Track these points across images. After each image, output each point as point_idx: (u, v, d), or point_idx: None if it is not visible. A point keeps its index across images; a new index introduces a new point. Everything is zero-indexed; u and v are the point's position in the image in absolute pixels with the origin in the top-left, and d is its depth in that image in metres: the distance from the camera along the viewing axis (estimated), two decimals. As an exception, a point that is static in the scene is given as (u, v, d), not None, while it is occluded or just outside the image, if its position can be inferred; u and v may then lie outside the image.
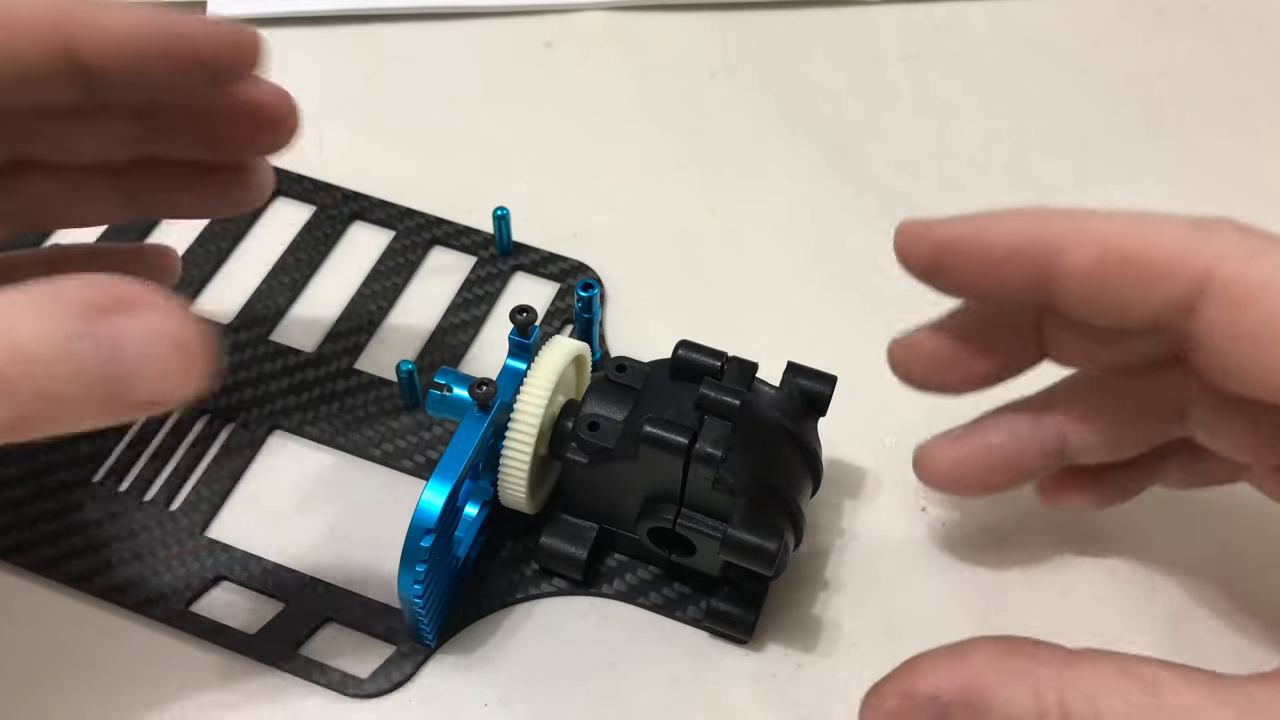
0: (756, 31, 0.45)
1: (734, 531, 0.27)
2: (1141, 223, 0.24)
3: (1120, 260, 0.23)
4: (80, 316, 0.20)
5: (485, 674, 0.29)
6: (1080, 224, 0.24)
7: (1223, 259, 0.23)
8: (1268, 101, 0.43)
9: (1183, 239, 0.23)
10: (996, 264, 0.25)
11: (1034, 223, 0.25)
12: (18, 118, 0.26)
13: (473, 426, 0.27)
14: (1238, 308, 0.22)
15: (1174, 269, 0.23)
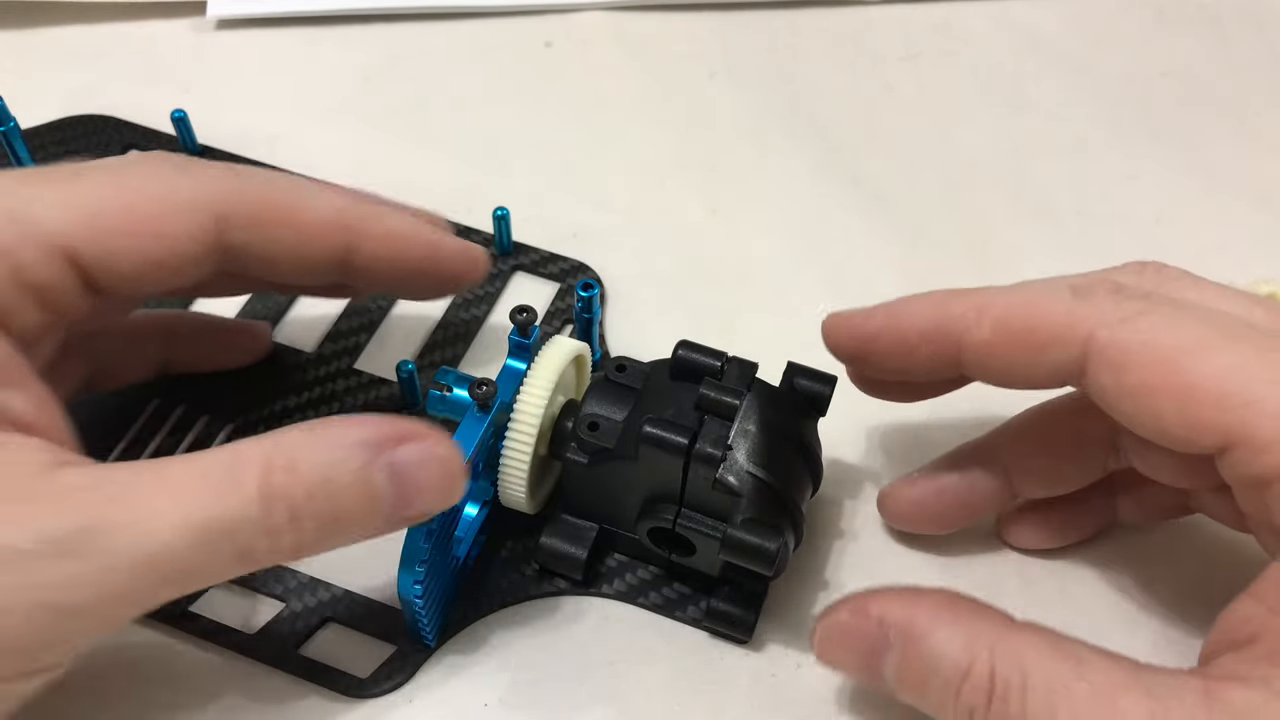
0: (756, 31, 0.45)
1: (734, 531, 0.27)
2: (1031, 295, 0.26)
3: (1011, 334, 0.26)
4: (371, 450, 0.23)
5: (485, 674, 0.29)
6: (978, 302, 0.26)
7: (1101, 324, 0.24)
8: (1268, 101, 0.43)
9: (1065, 309, 0.25)
10: (911, 348, 0.27)
11: (938, 307, 0.27)
12: None
13: (473, 426, 0.27)
14: (1118, 371, 0.24)
15: (1060, 337, 0.25)
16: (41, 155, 0.39)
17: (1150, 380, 0.24)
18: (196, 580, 0.23)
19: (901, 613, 0.25)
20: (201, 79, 0.42)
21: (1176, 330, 0.24)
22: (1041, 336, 0.25)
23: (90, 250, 0.24)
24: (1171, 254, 0.38)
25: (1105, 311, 0.24)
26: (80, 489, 0.22)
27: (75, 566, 0.21)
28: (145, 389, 0.34)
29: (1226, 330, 0.24)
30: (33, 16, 0.44)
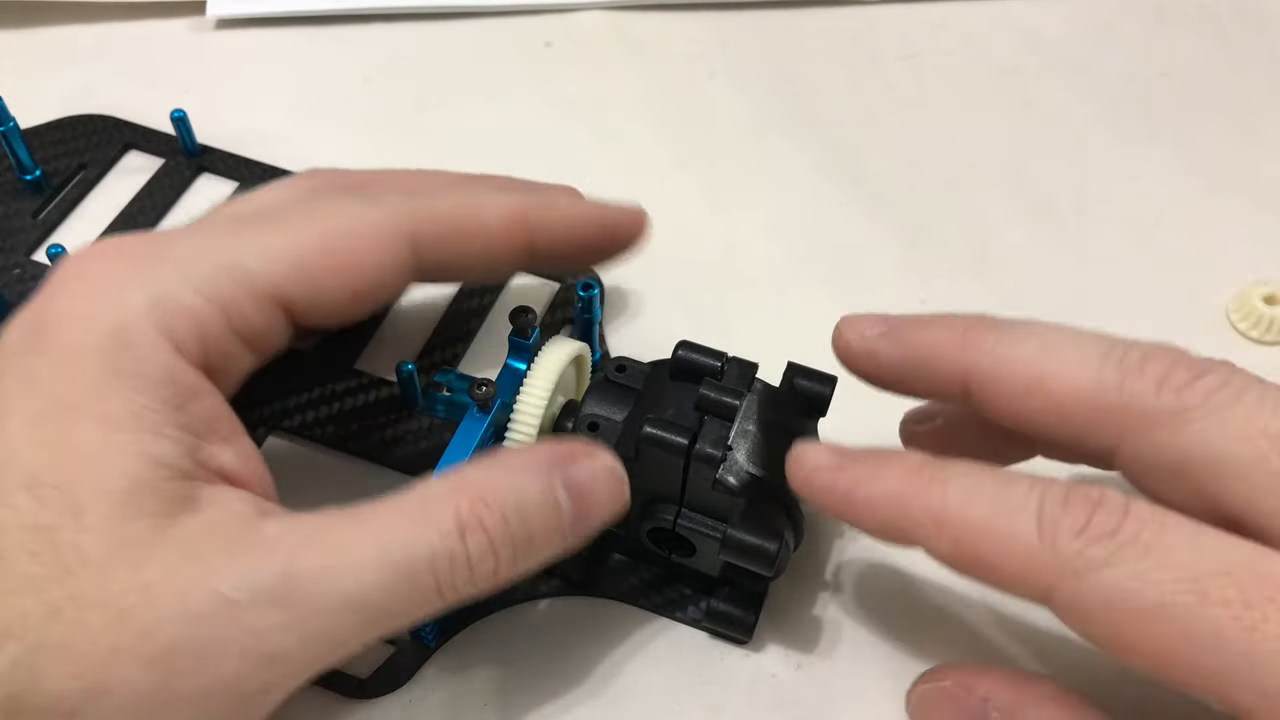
0: (756, 31, 0.45)
1: (734, 532, 0.27)
2: (990, 518, 0.23)
3: (970, 563, 0.24)
4: (555, 473, 0.25)
5: (485, 674, 0.29)
6: (935, 511, 0.24)
7: (1061, 574, 0.22)
8: (1268, 101, 0.43)
9: (1024, 550, 0.23)
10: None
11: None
12: None
13: (473, 427, 0.27)
14: (1081, 623, 0.22)
15: (1019, 579, 0.23)
16: (41, 155, 0.39)
17: (1115, 642, 0.22)
18: (399, 619, 0.23)
19: (1009, 696, 0.25)
20: (201, 79, 0.42)
21: (1140, 594, 0.21)
22: (1000, 576, 0.23)
23: (300, 293, 0.26)
24: (1171, 254, 0.38)
25: (1065, 560, 0.22)
26: (281, 537, 0.23)
27: (280, 613, 0.22)
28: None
29: (1201, 597, 0.21)
30: (32, 16, 0.44)
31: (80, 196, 0.39)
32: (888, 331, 0.26)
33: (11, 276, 0.36)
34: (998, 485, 0.23)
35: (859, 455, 0.25)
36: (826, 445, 0.26)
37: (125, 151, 0.40)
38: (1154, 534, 0.22)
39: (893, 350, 0.26)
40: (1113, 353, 0.24)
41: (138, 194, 0.39)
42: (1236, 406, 0.23)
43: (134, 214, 0.38)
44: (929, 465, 0.24)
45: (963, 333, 0.25)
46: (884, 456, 0.25)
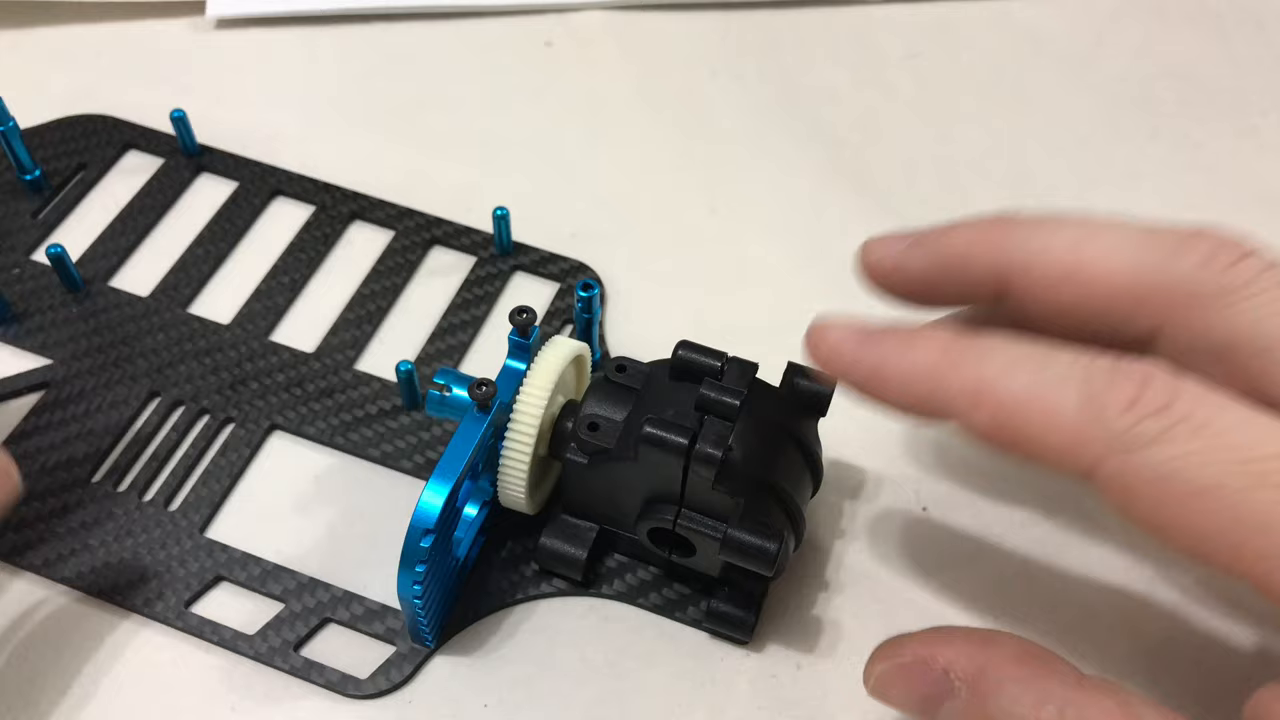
0: (756, 31, 0.45)
1: (734, 532, 0.27)
2: (1036, 385, 0.22)
3: (1010, 437, 0.23)
4: None
5: (485, 674, 0.29)
6: (974, 383, 0.23)
7: (1108, 452, 0.21)
8: (1268, 101, 0.43)
9: (1070, 424, 0.22)
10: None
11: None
12: None
13: (472, 427, 0.27)
14: (1124, 503, 0.22)
15: (1062, 457, 0.22)
16: (41, 155, 0.39)
17: (1159, 521, 0.21)
18: None
19: (970, 665, 0.24)
20: (201, 79, 0.42)
21: (1192, 473, 0.21)
22: (1043, 450, 0.22)
23: None
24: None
25: (1114, 435, 0.21)
26: None
27: None
28: (144, 390, 0.34)
29: (1256, 479, 0.20)
30: (32, 16, 0.44)
31: (80, 196, 0.39)
32: (914, 244, 0.26)
33: (11, 276, 0.36)
34: (1041, 355, 0.22)
35: (886, 329, 0.24)
36: (847, 320, 0.24)
37: (125, 151, 0.40)
38: (1208, 413, 0.21)
39: (922, 260, 0.25)
40: (1152, 235, 0.23)
41: (137, 194, 0.39)
42: None
43: (133, 214, 0.38)
44: (963, 336, 0.23)
45: (992, 229, 0.25)
46: (914, 330, 0.24)
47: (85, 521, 0.31)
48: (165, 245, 0.38)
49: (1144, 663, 0.29)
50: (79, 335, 0.35)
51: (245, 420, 0.33)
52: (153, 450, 0.33)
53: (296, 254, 0.37)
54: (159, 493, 0.32)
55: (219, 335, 0.35)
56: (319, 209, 0.38)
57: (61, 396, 0.34)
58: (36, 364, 0.34)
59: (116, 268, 0.37)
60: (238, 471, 0.33)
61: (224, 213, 0.38)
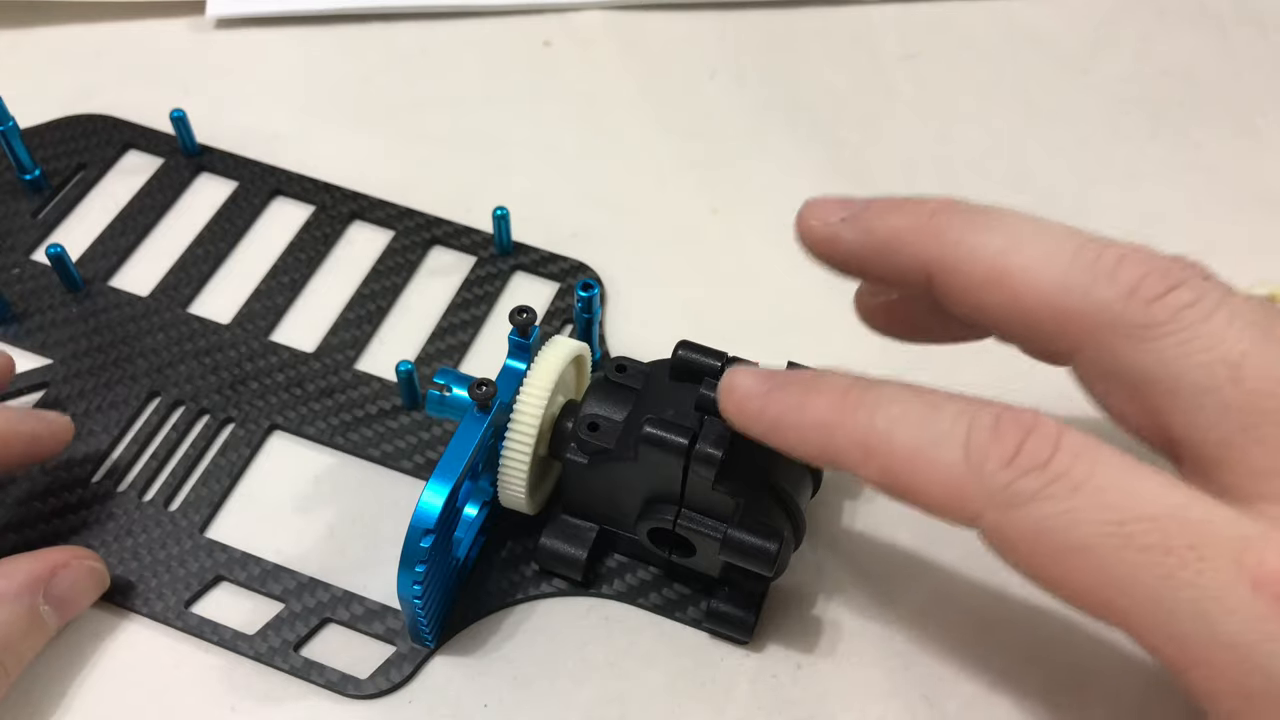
0: (756, 31, 0.45)
1: (734, 532, 0.27)
2: (918, 445, 0.22)
3: (898, 490, 0.23)
4: (37, 594, 0.28)
5: (485, 674, 0.29)
6: (861, 438, 0.23)
7: (988, 506, 0.22)
8: (1268, 101, 0.43)
9: (954, 479, 0.22)
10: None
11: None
12: None
13: (472, 427, 0.27)
14: (1008, 554, 0.22)
15: (947, 508, 0.22)
16: (41, 155, 0.39)
17: (1039, 574, 0.22)
18: None
19: None
20: (201, 79, 0.42)
21: (1066, 532, 0.21)
22: (928, 502, 0.23)
23: None
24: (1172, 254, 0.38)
25: (993, 490, 0.22)
26: None
27: None
28: (144, 390, 0.34)
29: (1124, 540, 0.21)
30: (32, 16, 0.44)
31: (80, 196, 0.39)
32: (850, 217, 0.26)
33: (11, 276, 0.36)
34: (925, 410, 0.23)
35: (787, 380, 0.25)
36: (755, 372, 0.25)
37: (125, 151, 0.40)
38: (1085, 470, 0.21)
39: (854, 236, 0.26)
40: (1084, 252, 0.23)
41: (137, 194, 0.39)
42: (1203, 326, 0.22)
43: (133, 214, 0.38)
44: (855, 388, 0.24)
45: (928, 218, 0.24)
46: (812, 380, 0.24)
47: (85, 522, 0.31)
48: (165, 245, 0.38)
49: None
50: (79, 335, 0.35)
51: (245, 420, 0.33)
52: (153, 450, 0.33)
53: (296, 254, 0.37)
54: (159, 493, 0.32)
55: (219, 335, 0.35)
56: (319, 209, 0.38)
57: (61, 396, 0.34)
58: (36, 364, 0.34)
59: (116, 268, 0.37)
60: (238, 471, 0.33)
61: (224, 213, 0.38)
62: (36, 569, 0.28)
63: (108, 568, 0.30)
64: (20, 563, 0.28)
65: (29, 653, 0.28)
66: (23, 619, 0.27)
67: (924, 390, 0.23)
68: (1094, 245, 0.23)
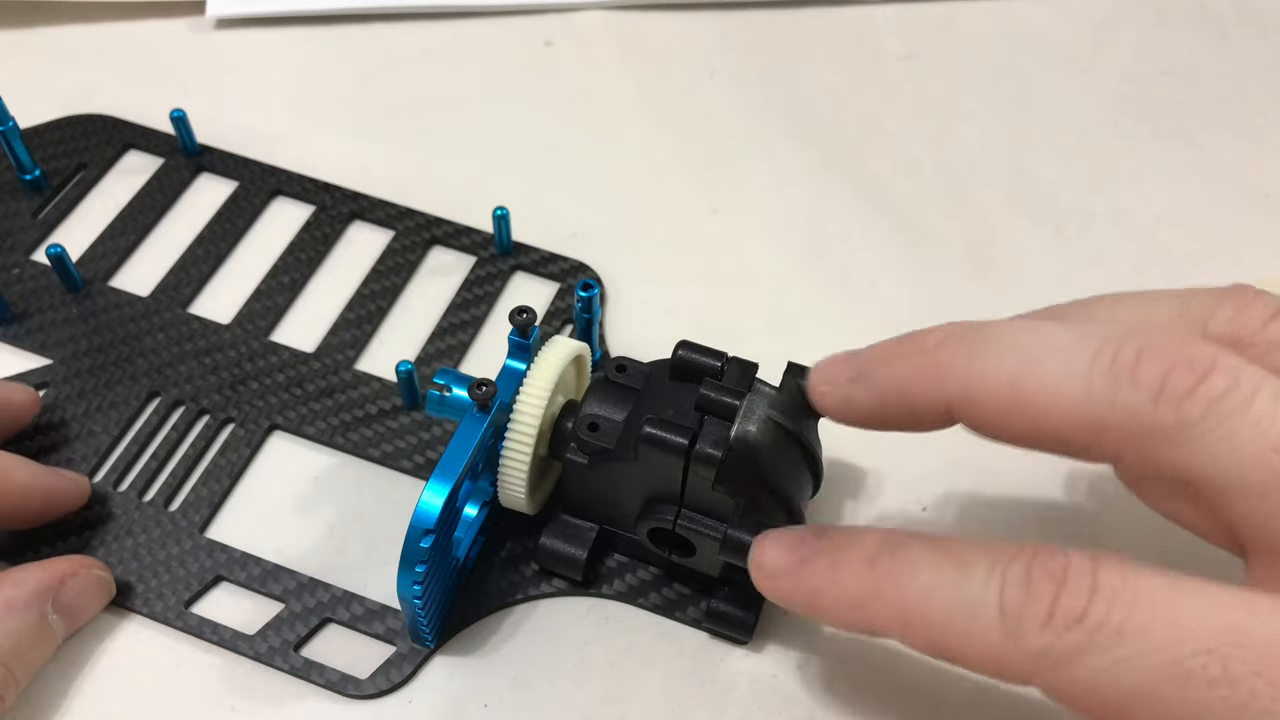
0: (756, 31, 0.45)
1: (734, 532, 0.27)
2: (952, 612, 0.22)
3: (939, 653, 0.23)
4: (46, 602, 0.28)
5: (485, 674, 0.29)
6: (897, 608, 0.23)
7: (1037, 670, 0.21)
8: (1268, 101, 0.43)
9: (993, 644, 0.21)
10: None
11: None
12: None
13: (472, 427, 0.27)
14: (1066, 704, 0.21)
15: (995, 671, 0.22)
16: (41, 155, 0.39)
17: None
18: None
19: None
20: (201, 79, 0.42)
21: (1121, 682, 0.20)
22: (976, 668, 0.22)
23: None
24: (1172, 254, 0.38)
25: (1036, 655, 0.21)
26: None
27: None
28: (144, 390, 0.34)
29: (1184, 680, 0.20)
30: (32, 16, 0.44)
31: (80, 196, 0.39)
32: (857, 376, 0.25)
33: (11, 276, 0.36)
34: (954, 574, 0.22)
35: (816, 552, 0.24)
36: (783, 542, 0.25)
37: (125, 151, 0.40)
38: (1125, 612, 0.20)
39: (866, 397, 0.25)
40: (1101, 356, 0.22)
41: (137, 194, 0.39)
42: (1244, 416, 0.20)
43: (133, 214, 0.38)
44: (883, 554, 0.23)
45: (932, 354, 0.24)
46: (840, 547, 0.24)
47: (86, 521, 0.31)
48: (165, 245, 0.38)
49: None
50: (79, 335, 0.35)
51: (245, 420, 0.33)
52: (153, 450, 0.33)
53: (296, 254, 0.37)
54: (159, 493, 0.32)
55: (219, 335, 0.35)
56: (319, 209, 0.38)
57: (61, 396, 0.34)
58: (36, 364, 0.34)
59: (116, 268, 0.37)
60: (238, 471, 0.33)
61: (224, 213, 0.38)
62: (45, 578, 0.28)
63: (111, 573, 0.30)
64: (29, 572, 0.28)
65: (38, 661, 0.28)
66: (32, 628, 0.28)
67: (952, 547, 0.23)
68: (1110, 346, 0.22)
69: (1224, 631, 0.19)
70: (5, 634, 0.27)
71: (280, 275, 0.37)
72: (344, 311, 0.36)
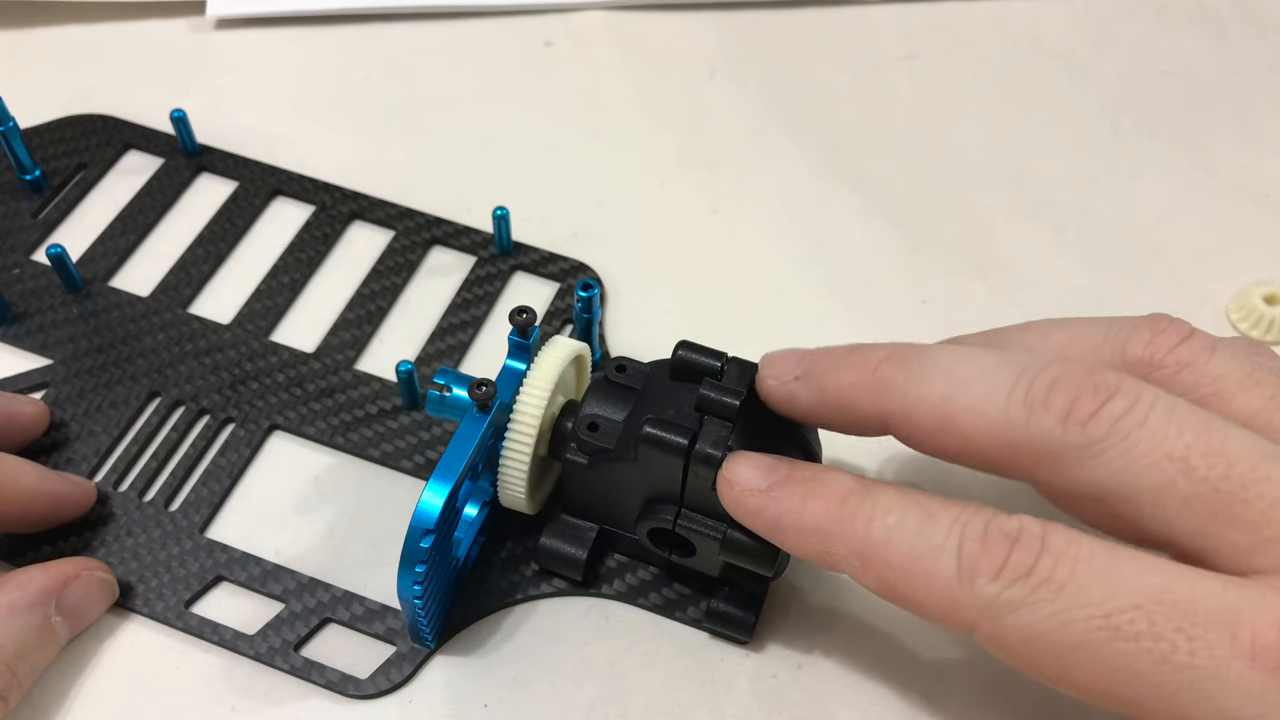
0: (756, 31, 0.45)
1: (734, 532, 0.27)
2: (912, 555, 0.23)
3: (895, 596, 0.24)
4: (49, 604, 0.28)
5: (485, 674, 0.29)
6: (860, 547, 0.24)
7: (981, 617, 0.22)
8: (1269, 101, 0.43)
9: (946, 590, 0.23)
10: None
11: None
12: None
13: (472, 427, 0.27)
14: (1005, 656, 0.23)
15: (943, 617, 0.23)
16: (41, 155, 0.39)
17: (1041, 675, 0.23)
18: None
19: None
20: (201, 79, 0.42)
21: (1057, 633, 0.22)
22: (923, 611, 0.24)
23: None
24: (1172, 254, 0.38)
25: (983, 602, 0.22)
26: None
27: None
28: (144, 390, 0.34)
29: (1113, 633, 0.21)
30: (32, 16, 0.44)
31: (80, 196, 0.39)
32: (802, 375, 0.27)
33: (11, 276, 0.36)
34: (920, 520, 0.24)
35: (788, 478, 0.26)
36: (757, 464, 0.26)
37: (125, 151, 0.40)
38: (1067, 570, 0.22)
39: (809, 395, 0.26)
40: (1019, 385, 0.24)
41: (137, 194, 0.39)
42: (1141, 431, 0.22)
43: (134, 214, 0.38)
44: (854, 494, 0.25)
45: (873, 372, 0.25)
46: (812, 481, 0.25)
47: (86, 521, 0.31)
48: (165, 245, 0.38)
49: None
50: (79, 335, 0.35)
51: (245, 420, 0.33)
52: (153, 450, 0.33)
53: (296, 254, 0.37)
54: (159, 493, 0.32)
55: (219, 335, 0.35)
56: (319, 209, 0.38)
57: (61, 396, 0.34)
58: (36, 364, 0.34)
59: (116, 268, 0.37)
60: (238, 471, 0.33)
61: (224, 213, 0.38)
62: (49, 581, 0.28)
63: (113, 574, 0.30)
64: (33, 574, 0.28)
65: (41, 663, 0.28)
66: (36, 630, 0.28)
67: (922, 498, 0.24)
68: (1027, 375, 0.24)
69: (1151, 590, 0.21)
70: (8, 636, 0.27)
71: (280, 275, 0.37)
72: (344, 311, 0.36)
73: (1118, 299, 0.37)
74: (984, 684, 0.29)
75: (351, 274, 0.37)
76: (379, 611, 0.30)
